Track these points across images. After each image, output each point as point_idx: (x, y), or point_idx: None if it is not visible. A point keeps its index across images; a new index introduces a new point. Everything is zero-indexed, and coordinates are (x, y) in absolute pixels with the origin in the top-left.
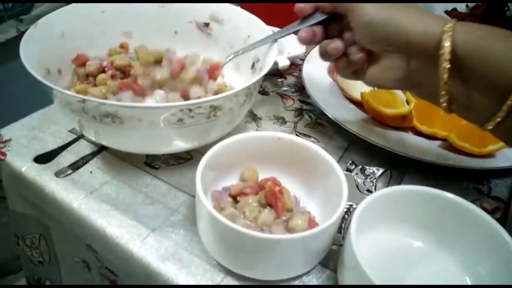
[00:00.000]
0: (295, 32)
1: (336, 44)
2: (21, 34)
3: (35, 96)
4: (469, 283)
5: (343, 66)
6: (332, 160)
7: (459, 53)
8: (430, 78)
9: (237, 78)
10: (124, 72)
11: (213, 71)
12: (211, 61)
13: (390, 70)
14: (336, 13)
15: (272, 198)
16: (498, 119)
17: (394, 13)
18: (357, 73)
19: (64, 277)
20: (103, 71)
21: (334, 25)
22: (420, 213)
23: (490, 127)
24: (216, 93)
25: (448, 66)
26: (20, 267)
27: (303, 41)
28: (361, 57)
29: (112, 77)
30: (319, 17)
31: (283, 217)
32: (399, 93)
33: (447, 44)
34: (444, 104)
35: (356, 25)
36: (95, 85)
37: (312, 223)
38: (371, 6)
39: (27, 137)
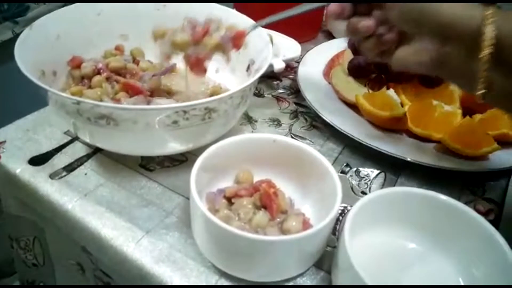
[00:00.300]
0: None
1: (367, 22)
2: (16, 36)
3: (30, 98)
4: (462, 284)
5: (371, 46)
6: (326, 162)
7: (502, 41)
8: (466, 65)
9: (232, 80)
10: (119, 74)
11: (238, 39)
12: (235, 28)
13: (421, 53)
14: None
15: (266, 200)
16: None
17: None
18: (383, 54)
19: (58, 279)
20: (98, 73)
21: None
22: (414, 215)
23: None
24: (211, 95)
25: (490, 53)
26: (14, 270)
27: (332, 13)
28: (392, 37)
29: (107, 79)
30: None
31: (278, 219)
32: (393, 95)
33: (489, 30)
34: (480, 92)
35: (392, 6)
36: (90, 87)
37: (306, 225)
38: None
39: (21, 139)
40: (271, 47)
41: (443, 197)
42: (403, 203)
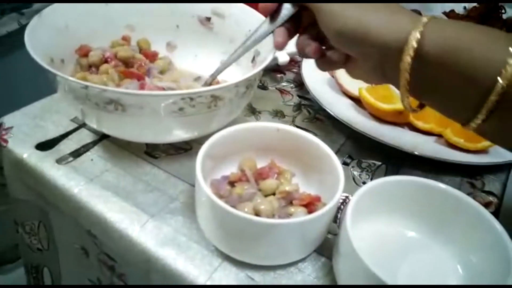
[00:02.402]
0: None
1: (312, 48)
2: (22, 27)
3: (35, 87)
4: (461, 272)
5: (323, 64)
6: (329, 150)
7: (425, 50)
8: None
9: (238, 71)
10: (127, 63)
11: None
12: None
13: (367, 70)
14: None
15: (265, 171)
16: (482, 117)
17: (362, 15)
18: (335, 68)
19: (62, 264)
20: (106, 62)
21: (306, 15)
22: (414, 203)
23: (473, 126)
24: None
25: (409, 61)
26: (18, 256)
27: (279, 46)
28: (339, 57)
29: (115, 68)
30: (287, 12)
31: (283, 203)
32: (396, 89)
33: (412, 40)
34: (406, 103)
35: (325, 31)
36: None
37: (312, 206)
38: (338, 9)
39: (29, 125)
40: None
41: (441, 185)
42: (402, 192)
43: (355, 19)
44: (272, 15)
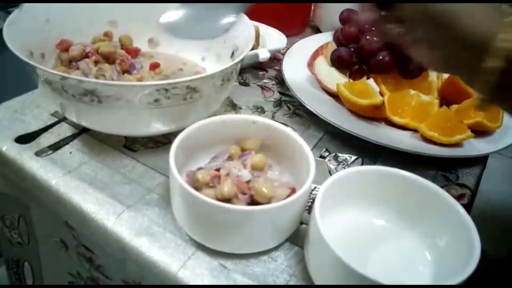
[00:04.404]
0: None
1: (398, 29)
2: None
3: (18, 85)
4: (429, 258)
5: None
6: (301, 141)
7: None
8: (478, 70)
9: (218, 67)
10: (108, 59)
11: None
12: None
13: (446, 59)
14: None
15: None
16: None
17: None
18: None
19: (42, 258)
20: (87, 56)
21: None
22: (382, 192)
23: None
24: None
25: (499, 66)
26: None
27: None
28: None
29: (95, 63)
30: None
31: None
32: (373, 84)
33: (500, 45)
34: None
35: (408, 12)
36: (77, 69)
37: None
38: None
39: (9, 119)
40: (253, 32)
41: (406, 173)
42: (371, 181)
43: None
44: None
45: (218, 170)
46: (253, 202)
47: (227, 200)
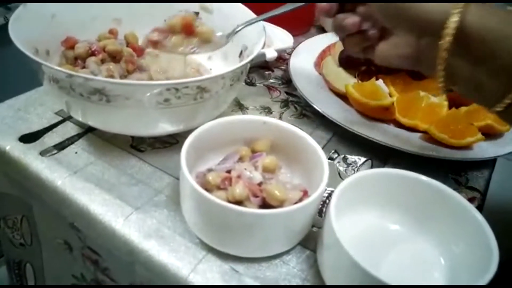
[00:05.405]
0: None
1: (352, 19)
2: (8, 22)
3: (21, 83)
4: (443, 262)
5: (355, 42)
6: (314, 143)
7: (468, 31)
8: (434, 56)
9: (225, 67)
10: (114, 57)
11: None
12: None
13: (400, 46)
14: None
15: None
16: (508, 101)
17: None
18: (366, 50)
19: (45, 259)
20: (93, 54)
21: None
22: (397, 196)
23: (498, 109)
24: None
25: (449, 42)
26: (1, 253)
27: (320, 10)
28: (375, 34)
29: (102, 61)
30: None
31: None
32: (382, 85)
33: (453, 19)
34: (441, 83)
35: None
36: (83, 67)
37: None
38: None
39: (12, 117)
40: (264, 33)
41: (423, 177)
42: (386, 184)
43: None
44: None
45: (228, 172)
46: (265, 204)
47: (239, 202)
